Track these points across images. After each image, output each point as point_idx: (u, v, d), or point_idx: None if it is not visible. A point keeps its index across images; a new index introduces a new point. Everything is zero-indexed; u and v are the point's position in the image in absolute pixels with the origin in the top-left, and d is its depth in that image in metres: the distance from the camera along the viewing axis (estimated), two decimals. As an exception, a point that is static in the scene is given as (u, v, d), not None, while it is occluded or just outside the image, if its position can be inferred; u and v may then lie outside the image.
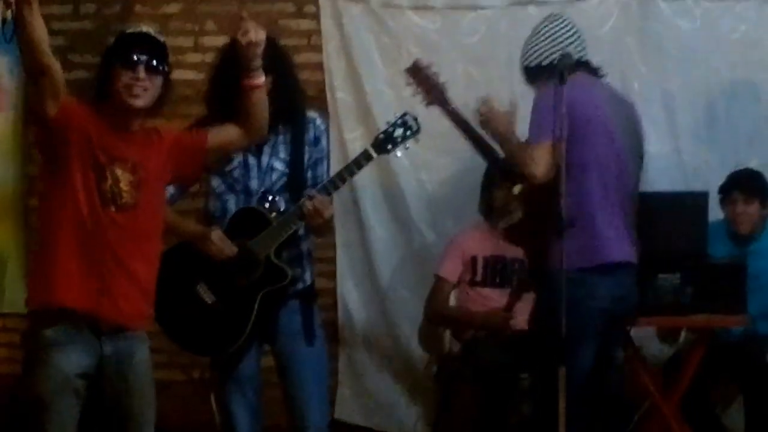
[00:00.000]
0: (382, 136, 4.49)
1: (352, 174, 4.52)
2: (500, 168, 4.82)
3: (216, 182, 4.68)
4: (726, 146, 6.17)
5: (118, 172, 3.95)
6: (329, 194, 4.51)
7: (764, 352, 5.46)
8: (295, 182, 4.59)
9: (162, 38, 4.11)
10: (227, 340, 4.60)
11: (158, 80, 4.03)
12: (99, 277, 3.86)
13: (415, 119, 4.50)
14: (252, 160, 4.63)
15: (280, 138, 4.63)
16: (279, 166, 4.62)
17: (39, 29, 3.70)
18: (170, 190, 4.63)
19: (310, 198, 4.45)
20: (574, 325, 4.50)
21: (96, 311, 3.84)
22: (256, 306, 4.53)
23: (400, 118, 4.50)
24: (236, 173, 4.64)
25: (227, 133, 4.20)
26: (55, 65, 3.83)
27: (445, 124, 6.37)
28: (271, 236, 4.53)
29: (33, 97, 3.92)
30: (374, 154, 4.50)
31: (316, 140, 4.65)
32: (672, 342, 5.91)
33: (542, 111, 4.62)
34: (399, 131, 4.46)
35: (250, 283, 4.55)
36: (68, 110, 3.90)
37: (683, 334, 5.85)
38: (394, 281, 6.47)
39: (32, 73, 3.81)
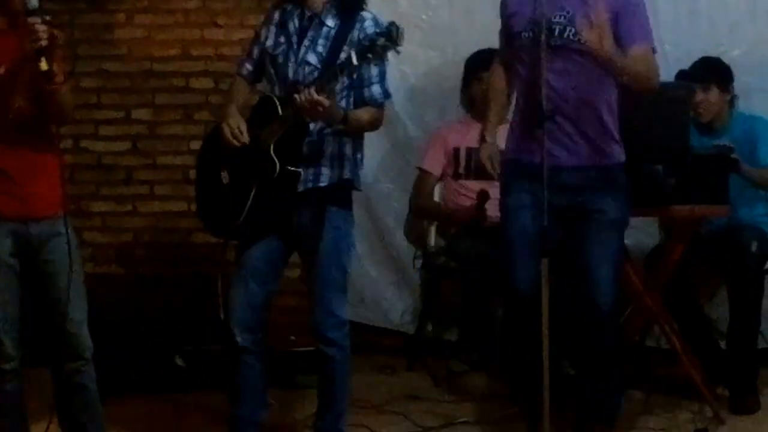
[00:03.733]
0: (367, 43, 4.43)
1: (336, 77, 4.45)
2: None
3: (269, 67, 4.68)
4: (708, 36, 6.16)
5: None
6: (318, 92, 4.43)
7: (747, 240, 5.49)
8: None
9: None
10: (226, 225, 4.68)
11: None
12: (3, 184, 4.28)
13: (398, 31, 4.42)
14: (291, 51, 4.61)
15: (323, 31, 4.58)
16: (312, 60, 4.56)
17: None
18: (248, 67, 4.74)
19: (301, 91, 4.42)
20: None
21: (13, 214, 4.27)
22: (251, 195, 4.55)
23: (386, 27, 4.42)
24: (279, 59, 4.62)
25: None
26: None
27: (427, 17, 6.38)
28: (274, 128, 4.53)
29: None
30: (356, 62, 4.42)
31: (360, 42, 4.51)
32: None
33: (644, 11, 4.75)
34: (381, 41, 4.40)
35: (249, 172, 4.58)
36: None
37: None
38: (377, 174, 6.48)
39: None
